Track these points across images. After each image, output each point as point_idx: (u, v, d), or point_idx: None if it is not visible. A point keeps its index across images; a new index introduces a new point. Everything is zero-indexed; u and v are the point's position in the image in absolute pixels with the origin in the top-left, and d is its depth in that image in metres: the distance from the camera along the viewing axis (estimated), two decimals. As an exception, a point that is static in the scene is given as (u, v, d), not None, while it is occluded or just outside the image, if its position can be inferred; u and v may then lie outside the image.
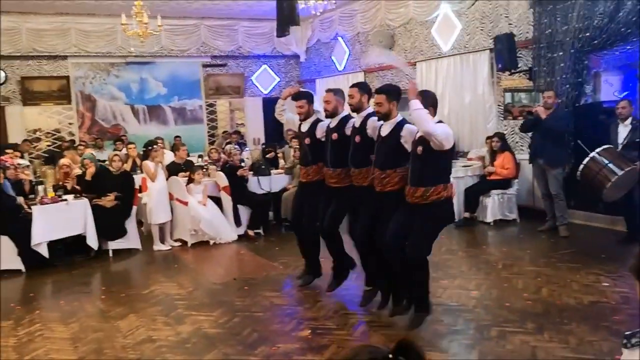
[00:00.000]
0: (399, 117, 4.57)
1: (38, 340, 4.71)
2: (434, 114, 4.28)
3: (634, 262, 1.71)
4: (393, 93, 4.60)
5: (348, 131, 5.06)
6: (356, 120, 4.98)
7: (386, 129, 4.59)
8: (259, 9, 12.43)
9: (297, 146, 6.98)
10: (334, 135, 5.16)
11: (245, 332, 4.67)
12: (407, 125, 4.49)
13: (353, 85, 5.03)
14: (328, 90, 5.33)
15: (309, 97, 5.57)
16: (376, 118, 4.70)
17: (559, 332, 4.32)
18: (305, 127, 5.54)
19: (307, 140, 5.47)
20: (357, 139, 4.89)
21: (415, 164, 4.31)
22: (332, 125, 5.23)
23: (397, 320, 4.72)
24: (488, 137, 8.71)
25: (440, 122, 4.28)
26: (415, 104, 4.14)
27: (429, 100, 4.29)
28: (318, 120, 5.48)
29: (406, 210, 4.40)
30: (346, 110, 5.26)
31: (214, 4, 11.78)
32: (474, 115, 9.56)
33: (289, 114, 5.85)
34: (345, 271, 5.53)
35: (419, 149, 4.22)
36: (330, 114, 5.23)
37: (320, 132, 5.37)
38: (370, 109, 4.97)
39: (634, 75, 8.18)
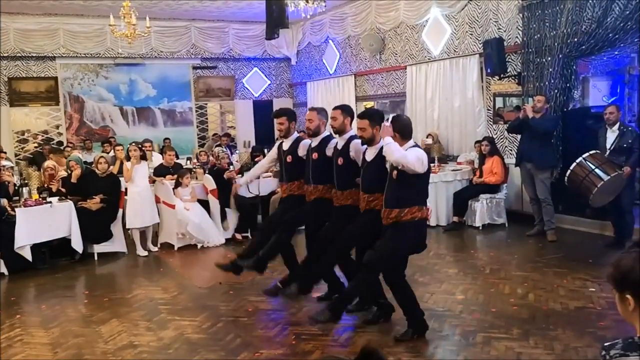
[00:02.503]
0: (382, 142, 4.55)
1: (17, 346, 4.63)
2: (401, 139, 4.26)
3: (611, 270, 1.68)
4: (376, 118, 4.58)
5: (329, 152, 5.03)
6: (339, 142, 4.95)
7: (371, 153, 4.58)
8: (250, 12, 12.40)
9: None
10: (315, 155, 5.12)
11: (228, 337, 4.62)
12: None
13: (336, 108, 4.99)
14: (311, 109, 5.28)
15: (289, 115, 5.46)
16: (359, 141, 4.69)
17: (544, 338, 4.30)
18: (286, 145, 5.44)
19: (288, 158, 5.38)
20: (340, 161, 4.86)
21: (390, 187, 4.32)
22: (314, 144, 5.18)
23: (382, 327, 4.69)
24: (477, 141, 8.71)
25: (415, 145, 4.29)
26: (386, 140, 4.19)
27: (397, 126, 4.29)
28: (300, 139, 5.43)
29: (384, 232, 4.38)
30: (327, 130, 5.22)
31: (204, 5, 11.74)
32: (464, 119, 9.56)
33: (264, 161, 5.96)
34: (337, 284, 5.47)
35: (394, 173, 4.24)
36: (313, 133, 5.16)
37: (302, 151, 5.31)
38: (353, 132, 4.96)
39: (622, 80, 8.22)
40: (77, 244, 7.19)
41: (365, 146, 4.62)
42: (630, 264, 1.62)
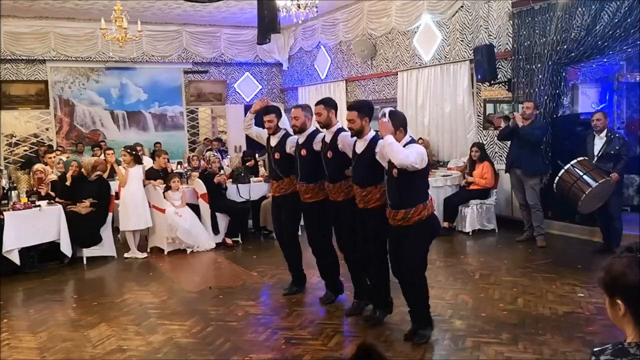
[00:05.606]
0: (371, 133, 4.58)
1: (5, 350, 4.59)
2: (403, 134, 4.24)
3: (601, 274, 1.68)
4: (364, 109, 4.59)
5: (316, 146, 5.10)
6: (327, 135, 4.99)
7: (360, 146, 4.60)
8: (242, 16, 12.42)
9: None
10: (303, 152, 5.19)
11: (218, 341, 4.60)
12: (381, 141, 4.43)
13: (318, 103, 5.03)
14: (296, 107, 5.34)
15: (277, 112, 5.58)
16: (347, 133, 4.72)
17: (533, 343, 4.32)
18: (274, 142, 5.55)
19: (277, 155, 5.48)
20: (330, 154, 4.90)
21: (391, 186, 4.29)
22: (301, 141, 5.25)
23: (374, 330, 4.69)
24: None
25: (411, 141, 4.26)
26: (387, 139, 4.09)
27: (398, 122, 4.23)
28: (287, 135, 5.51)
29: (392, 233, 4.41)
30: (313, 125, 5.27)
31: (196, 10, 11.73)
32: (454, 125, 9.61)
33: (256, 128, 5.87)
34: (338, 287, 5.55)
35: (394, 171, 4.20)
36: (299, 130, 5.23)
37: (289, 147, 5.40)
38: (340, 124, 5.02)
39: (611, 87, 8.30)
40: (66, 248, 7.15)
41: (355, 138, 4.62)
42: (620, 269, 1.62)
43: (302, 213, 5.48)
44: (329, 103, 5.01)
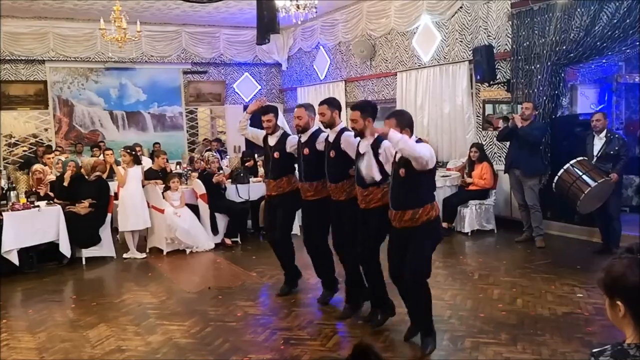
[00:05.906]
0: (392, 136, 4.52)
1: (3, 350, 4.59)
2: (410, 134, 4.13)
3: (601, 275, 1.68)
4: (367, 109, 4.56)
5: (319, 146, 5.09)
6: (330, 135, 4.99)
7: (363, 147, 4.55)
8: (241, 17, 12.42)
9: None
10: (306, 151, 5.18)
11: (217, 342, 4.60)
12: (384, 142, 4.35)
13: (322, 103, 5.02)
14: (299, 106, 5.33)
15: (275, 111, 5.59)
16: (351, 133, 4.70)
17: (532, 343, 4.32)
18: (273, 141, 5.55)
19: (276, 155, 5.48)
20: (332, 153, 4.90)
21: (397, 186, 4.19)
22: (303, 140, 5.24)
23: (372, 331, 4.70)
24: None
25: (419, 141, 4.18)
26: (395, 135, 3.91)
27: (405, 122, 4.15)
28: (286, 134, 5.52)
29: (396, 235, 4.33)
30: (316, 124, 5.27)
31: (195, 10, 11.74)
32: (453, 125, 9.61)
33: (251, 129, 5.86)
34: (335, 285, 5.56)
35: (402, 171, 4.10)
36: (302, 129, 5.22)
37: (290, 146, 5.41)
38: (343, 124, 5.02)
39: (610, 88, 8.30)
40: (65, 249, 7.15)
41: (359, 139, 4.60)
42: (621, 270, 1.61)
43: (302, 211, 5.47)
44: (332, 103, 5.01)
